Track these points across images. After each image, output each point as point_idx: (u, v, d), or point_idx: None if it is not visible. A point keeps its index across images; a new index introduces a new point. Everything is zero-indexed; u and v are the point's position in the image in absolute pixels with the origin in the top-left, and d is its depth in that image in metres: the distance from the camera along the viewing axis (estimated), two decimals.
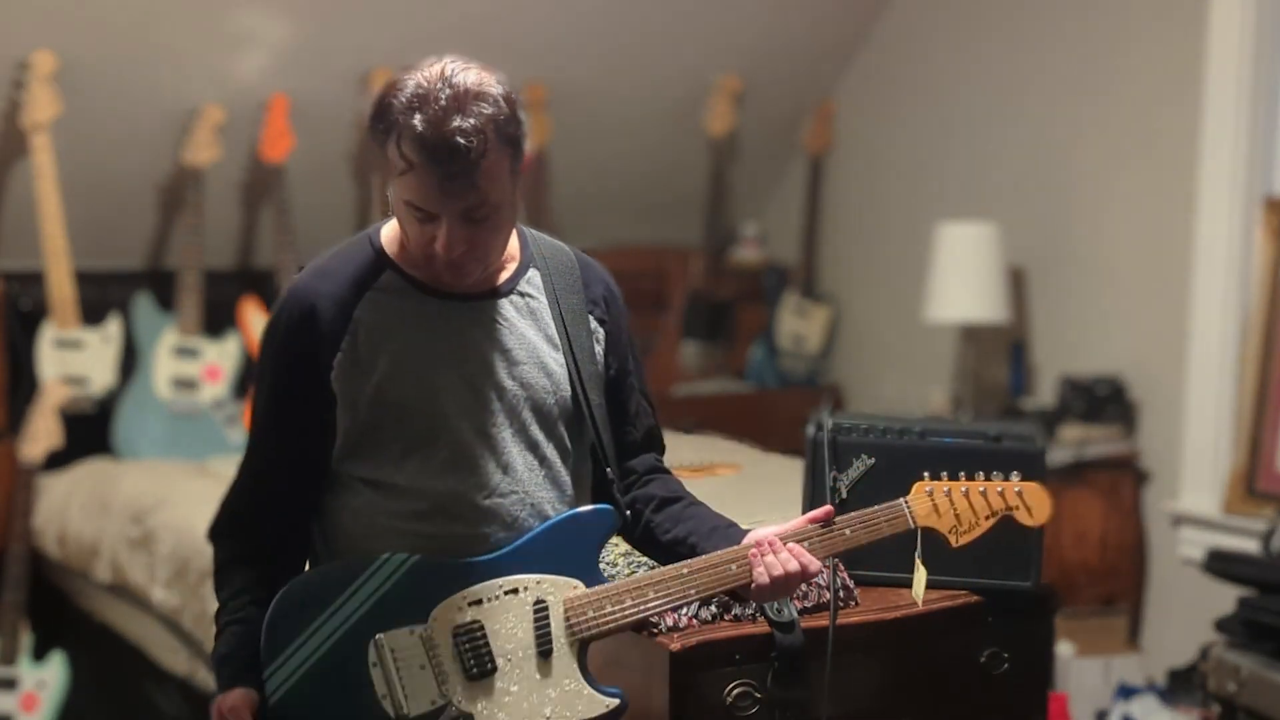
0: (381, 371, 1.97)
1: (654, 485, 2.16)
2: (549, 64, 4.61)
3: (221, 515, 2.10)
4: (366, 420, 1.98)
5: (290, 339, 1.99)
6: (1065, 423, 4.24)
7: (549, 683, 1.97)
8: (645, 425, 2.18)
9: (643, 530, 2.13)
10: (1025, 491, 2.11)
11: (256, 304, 4.46)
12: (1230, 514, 3.95)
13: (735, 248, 5.52)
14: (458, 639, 1.95)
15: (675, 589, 2.00)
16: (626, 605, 1.99)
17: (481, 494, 1.99)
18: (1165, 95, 4.21)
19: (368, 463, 2.00)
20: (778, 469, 3.67)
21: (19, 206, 4.20)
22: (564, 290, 2.09)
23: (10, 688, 3.94)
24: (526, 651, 1.97)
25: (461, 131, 1.84)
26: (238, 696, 1.99)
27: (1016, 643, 2.44)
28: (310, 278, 2.02)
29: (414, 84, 1.87)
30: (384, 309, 1.99)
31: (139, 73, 4.16)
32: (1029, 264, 4.65)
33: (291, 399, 2.01)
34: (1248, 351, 3.96)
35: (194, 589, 3.41)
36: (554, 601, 1.99)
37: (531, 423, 2.03)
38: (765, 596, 2.04)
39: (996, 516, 2.11)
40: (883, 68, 5.19)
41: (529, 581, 1.99)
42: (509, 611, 1.97)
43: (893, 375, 5.15)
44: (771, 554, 2.00)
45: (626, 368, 2.16)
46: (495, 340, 2.02)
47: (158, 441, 4.27)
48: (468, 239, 1.92)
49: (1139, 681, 4.01)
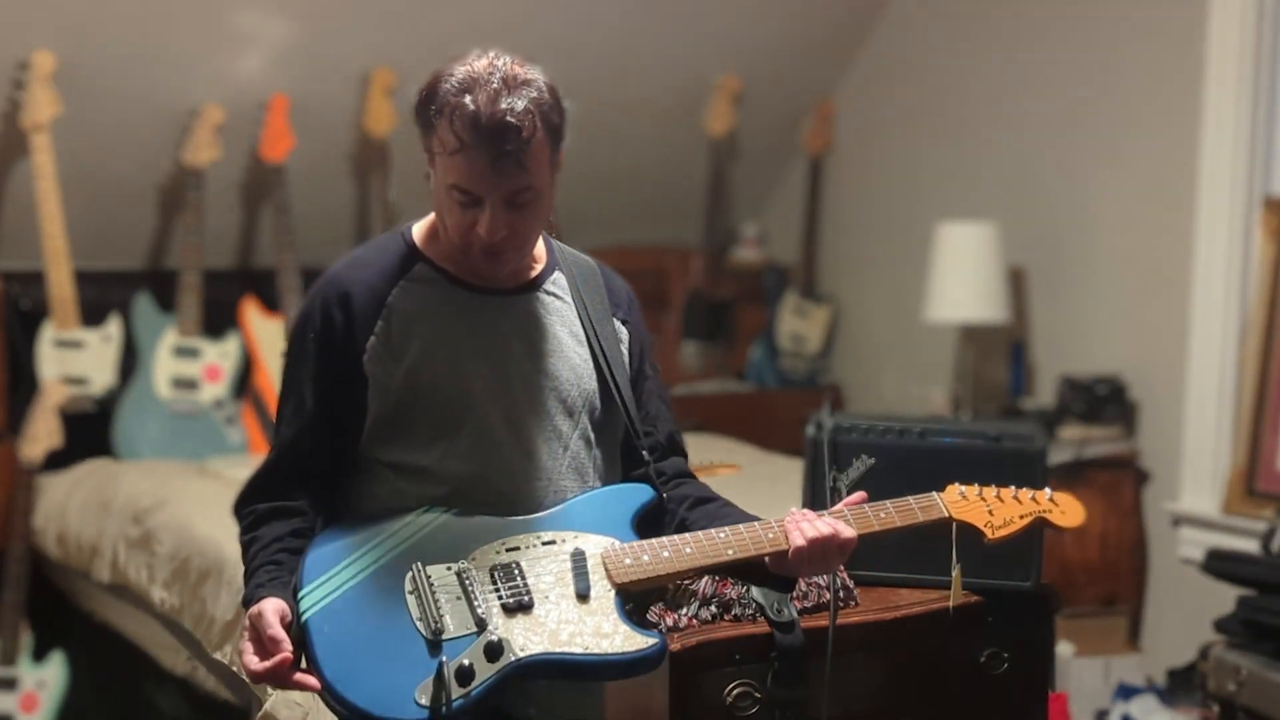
0: (412, 356, 2.03)
1: (686, 487, 2.21)
2: (549, 64, 4.59)
3: (248, 489, 2.10)
4: (397, 403, 2.04)
5: (327, 322, 2.04)
6: (1065, 423, 4.24)
7: (586, 622, 1.95)
8: (666, 429, 2.24)
9: (678, 529, 2.17)
10: (1058, 500, 2.17)
11: (256, 304, 4.46)
12: (1230, 514, 3.95)
13: (735, 248, 5.53)
14: (495, 575, 1.96)
15: (712, 546, 2.02)
16: (664, 556, 2.01)
17: (504, 479, 2.04)
18: (1165, 95, 4.21)
19: (395, 445, 2.05)
20: (778, 469, 3.68)
21: (19, 206, 4.20)
22: (589, 292, 2.16)
23: (10, 688, 3.94)
24: (564, 591, 1.97)
25: (513, 112, 1.92)
26: (270, 607, 1.93)
27: (1016, 643, 2.43)
28: (345, 267, 2.09)
29: (463, 70, 1.96)
30: (416, 297, 2.06)
31: (139, 73, 4.16)
32: (1029, 264, 4.65)
33: (326, 379, 2.05)
34: (1248, 351, 3.96)
35: (194, 589, 3.41)
36: (591, 551, 2.01)
37: (556, 413, 2.09)
38: (803, 562, 2.03)
39: (1031, 516, 2.14)
40: (883, 68, 5.19)
41: (566, 535, 2.03)
42: (546, 557, 2.00)
43: (893, 375, 5.16)
44: (807, 521, 2.03)
45: (645, 372, 2.22)
46: (523, 332, 2.09)
47: (158, 441, 4.27)
48: (509, 223, 1.98)
49: (1139, 681, 4.01)
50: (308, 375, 2.06)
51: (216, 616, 3.28)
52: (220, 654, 3.27)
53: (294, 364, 2.09)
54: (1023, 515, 2.13)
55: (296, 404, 2.07)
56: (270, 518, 2.05)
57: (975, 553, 2.21)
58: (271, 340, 4.43)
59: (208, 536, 3.46)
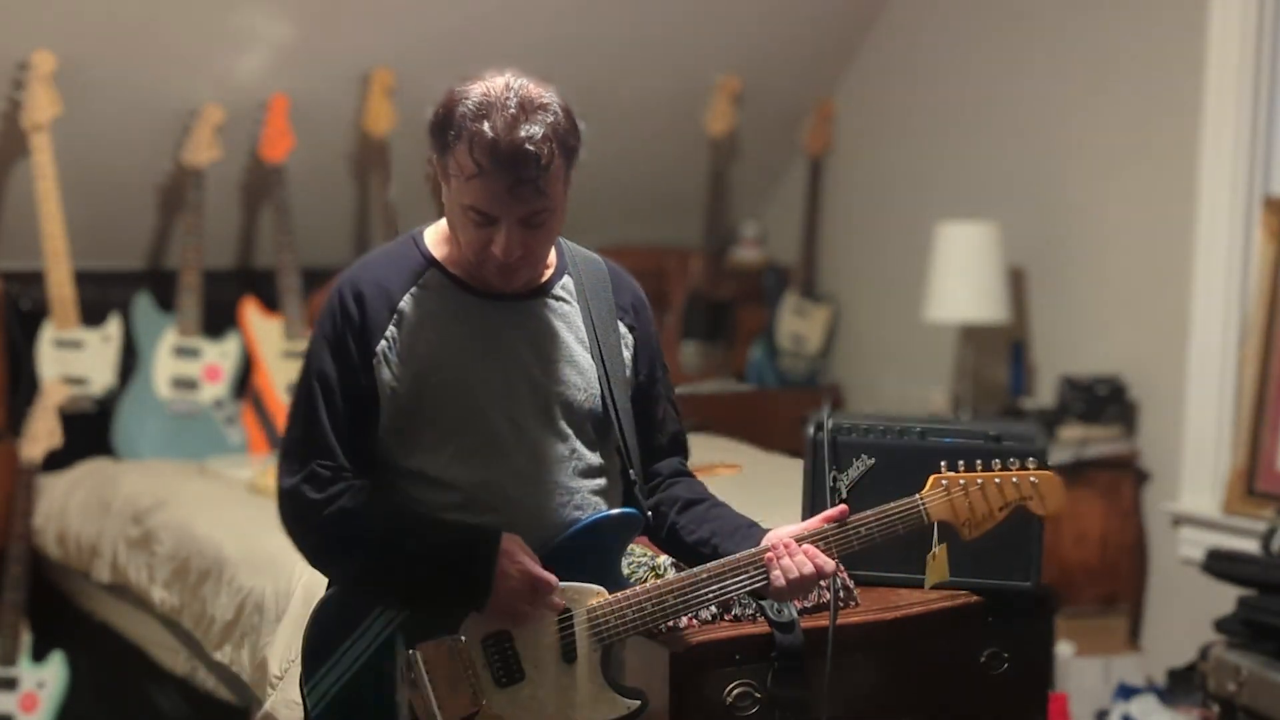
0: (420, 362, 2.06)
1: (678, 488, 2.24)
2: (549, 64, 4.58)
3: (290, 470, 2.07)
4: (405, 408, 2.06)
5: (345, 314, 2.07)
6: (1065, 423, 4.24)
7: (573, 687, 2.03)
8: (671, 431, 2.27)
9: (668, 531, 2.21)
10: (1040, 481, 2.15)
11: (256, 304, 4.46)
12: (1230, 514, 3.95)
13: (735, 248, 5.52)
14: (488, 648, 2.02)
15: (693, 594, 2.07)
16: (647, 611, 2.06)
17: (513, 483, 2.06)
18: (1165, 95, 4.21)
19: (403, 451, 2.07)
20: (778, 469, 3.67)
21: (19, 206, 4.20)
22: (595, 296, 2.18)
23: (10, 688, 3.94)
24: (552, 657, 2.03)
25: (531, 139, 1.94)
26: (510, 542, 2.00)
27: (1016, 643, 2.44)
28: (358, 271, 2.12)
29: (479, 93, 1.97)
30: (426, 304, 2.08)
31: (139, 73, 4.16)
32: (1029, 264, 4.65)
33: (345, 367, 2.06)
34: (1248, 351, 3.96)
35: (194, 589, 3.41)
36: (578, 609, 2.05)
37: (561, 417, 2.10)
38: (784, 597, 2.12)
39: (1010, 508, 2.14)
40: (883, 68, 5.19)
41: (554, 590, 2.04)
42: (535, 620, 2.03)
43: (893, 375, 5.15)
44: (787, 557, 2.06)
45: (654, 374, 2.24)
46: (530, 338, 2.10)
47: (158, 441, 4.27)
48: (524, 242, 2.01)
49: (1139, 681, 4.01)
50: (332, 370, 2.06)
51: (216, 616, 3.28)
52: (220, 654, 3.26)
53: (315, 361, 2.08)
54: (1001, 508, 2.14)
55: (323, 387, 2.05)
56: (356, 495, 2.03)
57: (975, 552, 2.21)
58: (271, 340, 4.43)
59: (207, 536, 3.46)
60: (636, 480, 2.15)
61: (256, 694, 3.08)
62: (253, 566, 3.23)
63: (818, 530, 2.09)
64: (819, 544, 2.08)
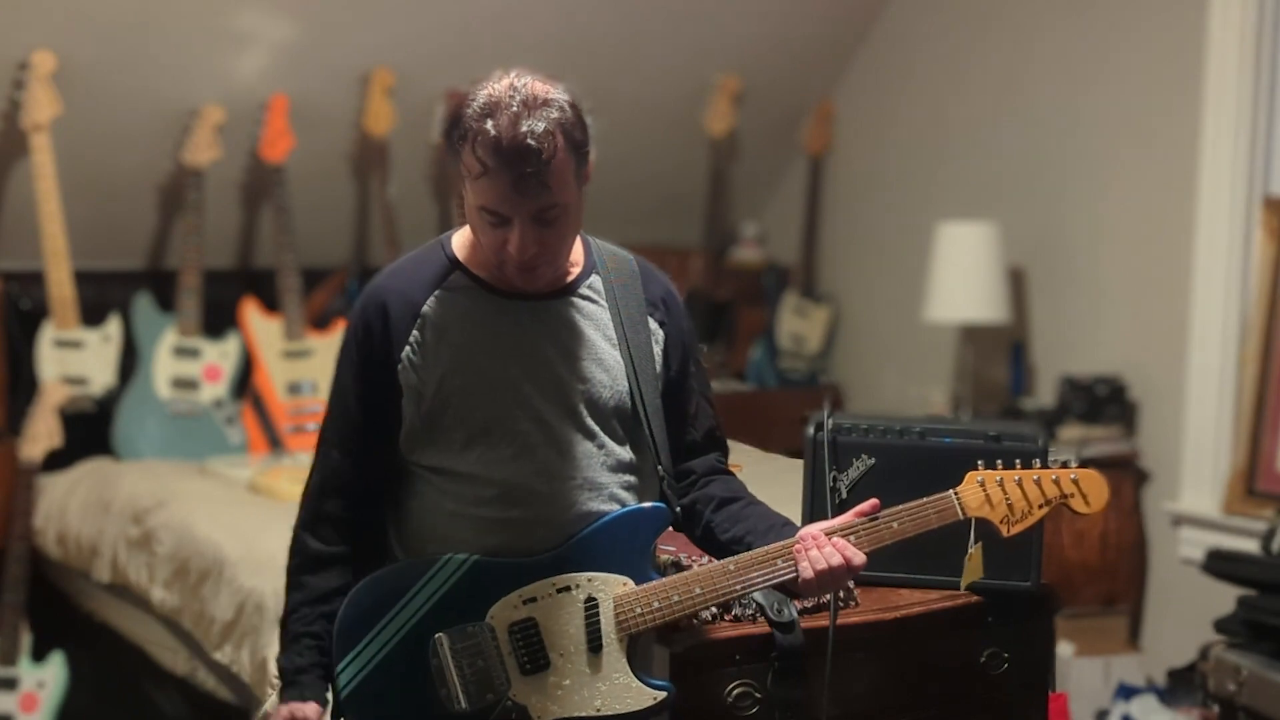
0: (445, 364, 2.08)
1: (714, 486, 2.24)
2: (549, 64, 4.59)
3: (306, 509, 2.17)
4: (430, 410, 2.08)
5: (366, 332, 2.11)
6: (1065, 423, 4.24)
7: (599, 676, 2.05)
8: (705, 426, 2.27)
9: (703, 530, 2.21)
10: (1081, 479, 2.13)
11: (256, 304, 4.46)
12: (1230, 514, 3.95)
13: (735, 248, 5.53)
14: (513, 635, 2.04)
15: (722, 584, 2.07)
16: (673, 601, 2.07)
17: (542, 480, 2.08)
18: (1165, 95, 4.21)
19: (432, 451, 2.10)
20: (778, 469, 3.67)
21: (19, 206, 4.20)
22: (624, 294, 2.18)
23: (10, 688, 3.94)
24: (578, 646, 2.05)
25: (533, 134, 1.95)
26: (313, 710, 2.09)
27: (1016, 643, 2.44)
28: (385, 278, 2.15)
29: (485, 94, 1.99)
30: (450, 306, 2.10)
31: (139, 73, 4.16)
32: (1029, 264, 4.65)
33: (368, 388, 2.11)
34: (1247, 351, 3.96)
35: (194, 589, 3.41)
36: (604, 598, 2.06)
37: (587, 415, 2.11)
38: (813, 590, 2.11)
39: (1050, 505, 2.12)
40: (883, 68, 5.19)
41: (580, 579, 2.07)
42: (562, 609, 2.06)
43: (893, 375, 5.15)
44: (816, 549, 2.06)
45: (687, 369, 2.25)
46: (555, 337, 2.12)
47: (158, 441, 4.27)
48: (539, 240, 2.01)
49: (1139, 681, 4.01)
50: (351, 384, 2.13)
51: (216, 616, 3.28)
52: (220, 654, 3.26)
53: (340, 374, 2.15)
54: (1041, 505, 2.11)
55: (341, 412, 2.14)
56: (320, 566, 2.13)
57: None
58: (271, 340, 4.43)
59: (207, 537, 3.46)
60: (664, 476, 2.16)
61: (256, 694, 3.08)
62: (253, 566, 3.23)
63: (848, 524, 2.09)
64: (849, 538, 2.08)
